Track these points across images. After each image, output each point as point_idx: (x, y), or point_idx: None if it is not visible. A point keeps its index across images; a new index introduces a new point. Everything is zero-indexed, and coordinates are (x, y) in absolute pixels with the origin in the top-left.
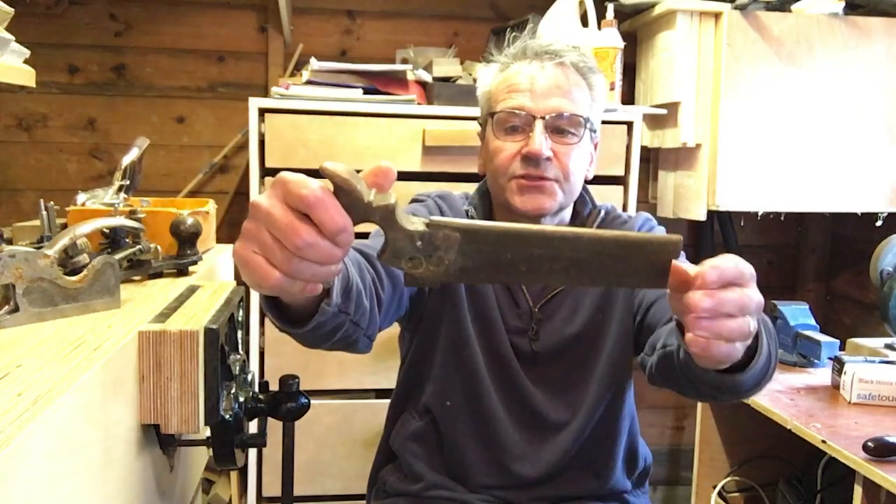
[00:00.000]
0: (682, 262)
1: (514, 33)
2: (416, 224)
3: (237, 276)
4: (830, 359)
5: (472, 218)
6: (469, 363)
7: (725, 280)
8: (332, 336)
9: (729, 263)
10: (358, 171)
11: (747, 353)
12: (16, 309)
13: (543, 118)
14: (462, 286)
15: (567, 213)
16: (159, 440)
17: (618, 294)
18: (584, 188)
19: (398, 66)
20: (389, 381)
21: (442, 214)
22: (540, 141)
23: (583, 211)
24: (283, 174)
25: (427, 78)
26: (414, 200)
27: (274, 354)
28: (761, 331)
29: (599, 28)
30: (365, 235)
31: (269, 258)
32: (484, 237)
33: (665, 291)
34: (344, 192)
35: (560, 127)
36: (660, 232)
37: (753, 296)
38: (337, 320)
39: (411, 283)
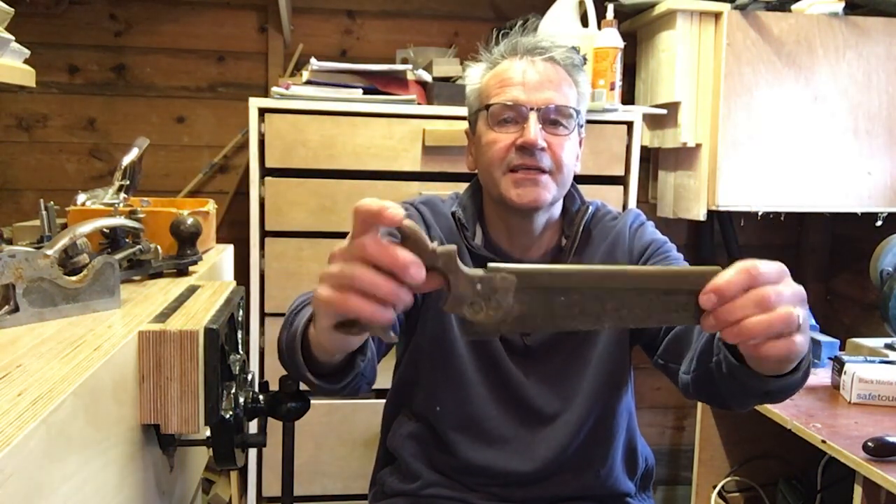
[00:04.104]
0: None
1: (503, 31)
2: (474, 269)
3: (237, 276)
4: (830, 359)
5: (459, 218)
6: (456, 366)
7: (742, 281)
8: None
9: (735, 269)
10: (359, 172)
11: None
12: (16, 309)
13: (537, 109)
14: None
15: (557, 209)
16: (159, 440)
17: None
18: (573, 184)
19: (398, 66)
20: (389, 381)
21: (426, 223)
22: (535, 130)
23: (571, 207)
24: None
25: (427, 78)
26: None
27: (274, 354)
28: None
29: (599, 28)
30: None
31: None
32: (538, 278)
33: None
34: (411, 241)
35: (552, 118)
36: (650, 226)
37: (783, 290)
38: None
39: (470, 333)
